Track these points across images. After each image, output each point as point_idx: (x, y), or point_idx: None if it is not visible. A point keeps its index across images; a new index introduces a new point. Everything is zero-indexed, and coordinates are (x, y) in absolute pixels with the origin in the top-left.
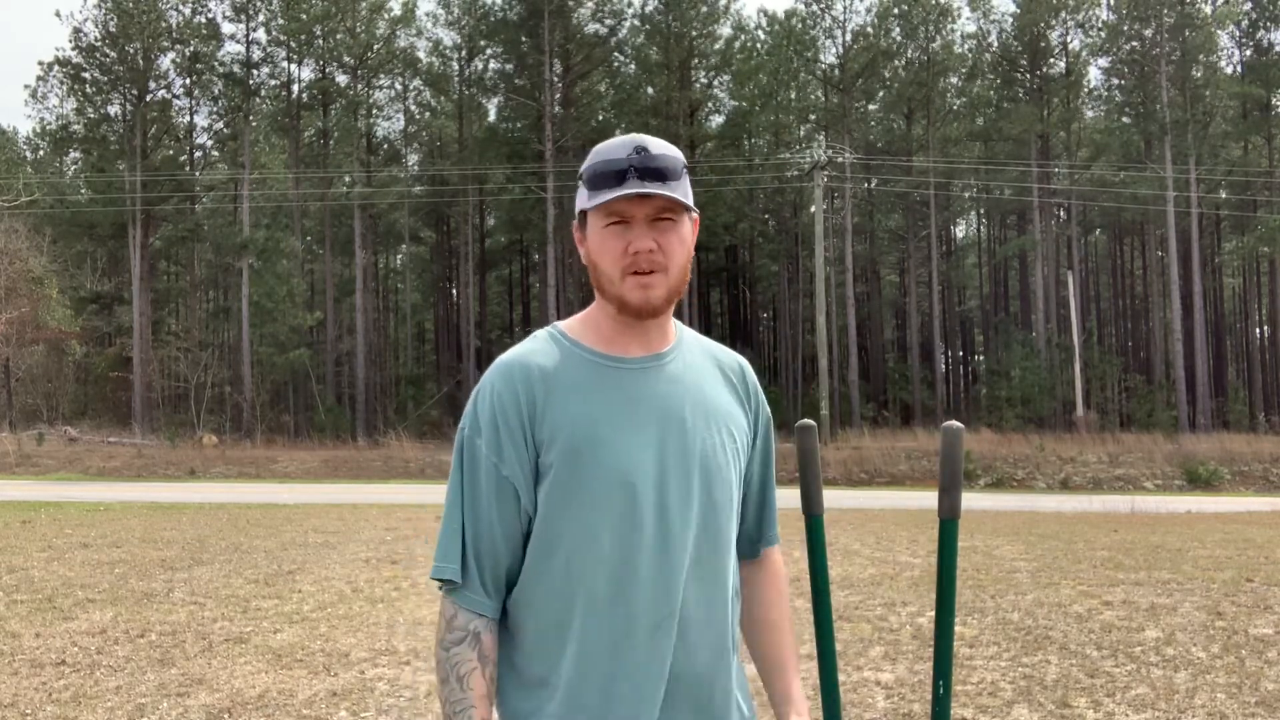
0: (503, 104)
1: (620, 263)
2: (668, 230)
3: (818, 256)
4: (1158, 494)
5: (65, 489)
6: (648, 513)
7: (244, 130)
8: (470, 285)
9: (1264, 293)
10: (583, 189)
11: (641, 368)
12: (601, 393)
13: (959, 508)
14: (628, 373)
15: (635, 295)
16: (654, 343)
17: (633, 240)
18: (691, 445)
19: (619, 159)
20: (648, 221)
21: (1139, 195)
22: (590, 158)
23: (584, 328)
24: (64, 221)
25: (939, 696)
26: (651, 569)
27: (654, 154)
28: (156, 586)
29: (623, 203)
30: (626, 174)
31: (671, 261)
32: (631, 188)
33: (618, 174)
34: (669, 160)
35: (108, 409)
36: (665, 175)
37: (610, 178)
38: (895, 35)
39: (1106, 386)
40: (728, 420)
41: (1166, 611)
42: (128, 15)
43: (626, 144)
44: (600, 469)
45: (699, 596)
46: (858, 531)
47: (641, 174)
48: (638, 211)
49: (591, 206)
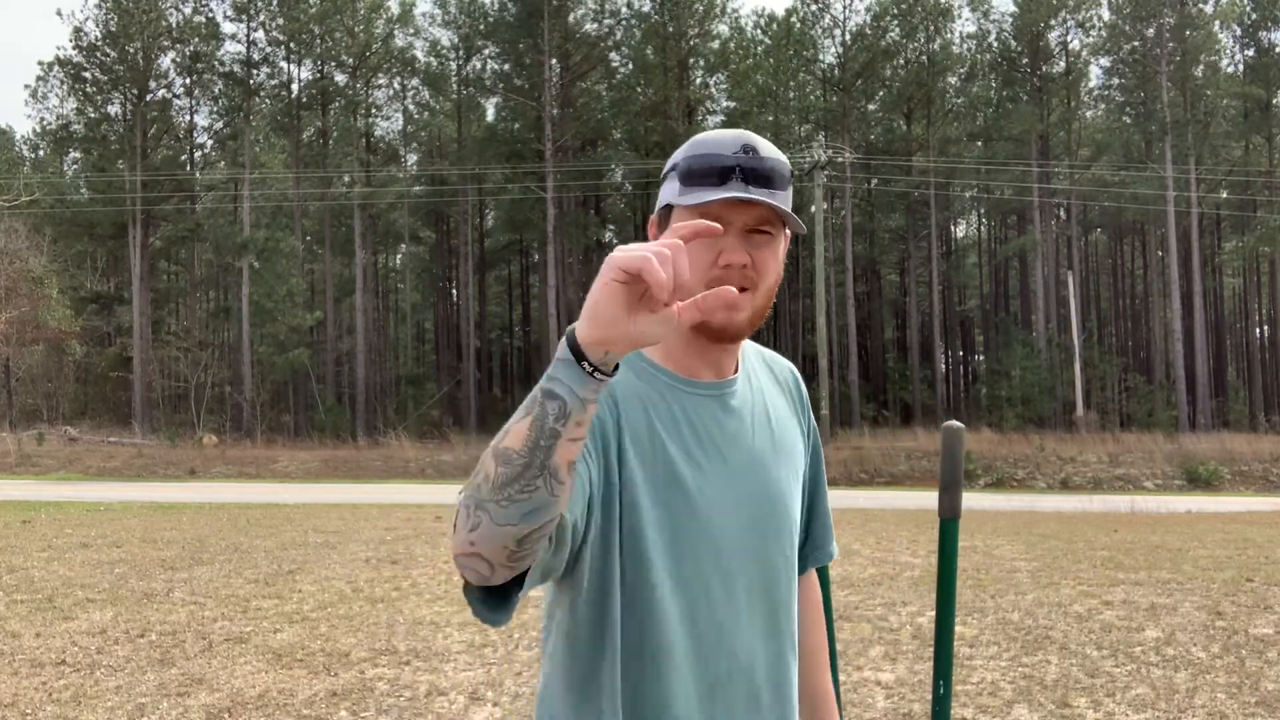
0: (501, 104)
1: (707, 275)
2: (764, 245)
3: (818, 256)
4: (1158, 494)
5: (65, 489)
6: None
7: (244, 130)
8: (470, 285)
9: (1264, 293)
10: (673, 181)
11: (715, 394)
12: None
13: (959, 508)
14: (701, 400)
15: (719, 316)
16: (725, 367)
17: (725, 251)
18: (768, 488)
19: (725, 156)
20: (743, 232)
21: (1139, 195)
22: (689, 148)
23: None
24: (64, 221)
25: (939, 696)
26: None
27: (763, 156)
28: (156, 586)
29: (721, 207)
30: (731, 174)
31: (762, 280)
32: (734, 191)
33: (721, 173)
34: (778, 166)
35: (108, 409)
36: (773, 182)
37: (711, 175)
38: (894, 35)
39: (1106, 386)
40: (793, 451)
41: (1166, 611)
42: (128, 15)
43: (734, 140)
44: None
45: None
46: (858, 531)
47: (747, 177)
48: (735, 219)
49: (685, 204)
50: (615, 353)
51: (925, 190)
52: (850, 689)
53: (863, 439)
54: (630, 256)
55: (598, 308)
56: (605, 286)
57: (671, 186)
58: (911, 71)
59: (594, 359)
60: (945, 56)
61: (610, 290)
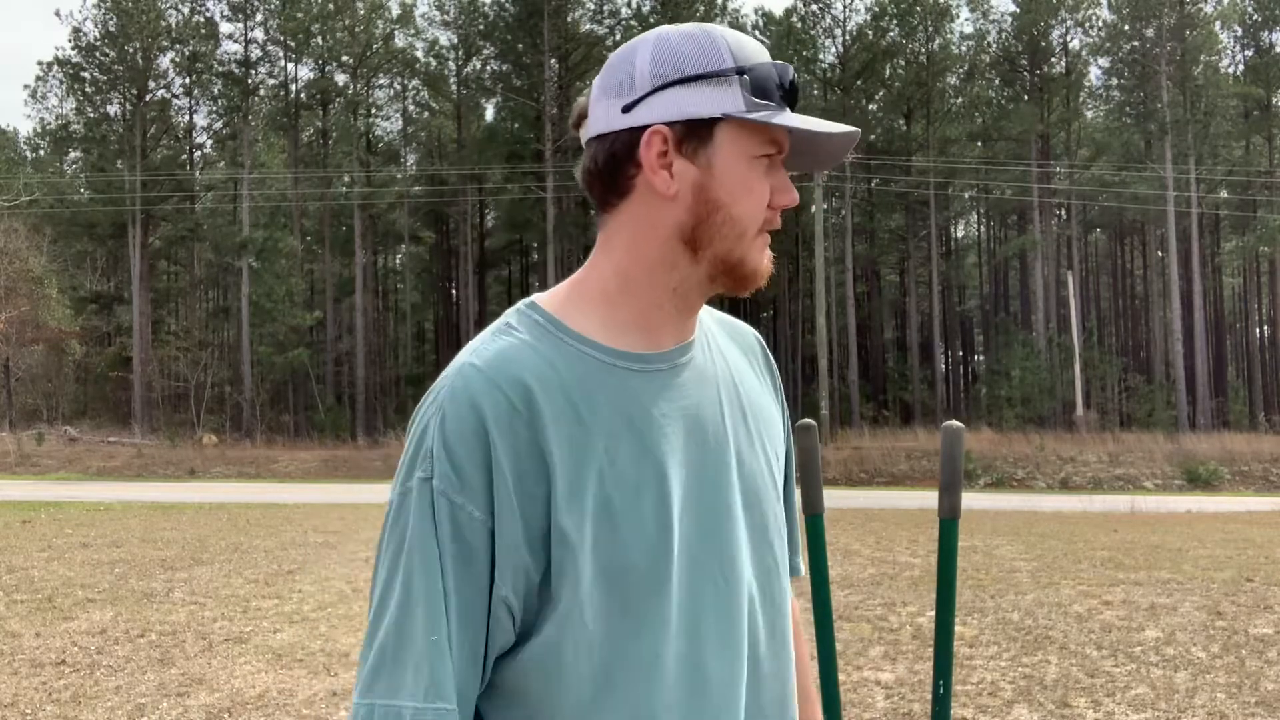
0: (501, 104)
1: (763, 214)
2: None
3: (818, 256)
4: (1158, 494)
5: (65, 489)
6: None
7: (243, 130)
8: (470, 285)
9: (1264, 293)
10: (729, 88)
11: (668, 367)
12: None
13: (959, 507)
14: (653, 378)
15: (764, 261)
16: (690, 328)
17: (778, 190)
18: (741, 471)
19: (785, 69)
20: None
21: (1139, 195)
22: (749, 52)
23: (582, 305)
24: (64, 221)
25: (939, 696)
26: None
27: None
28: (156, 586)
29: (791, 135)
30: (795, 98)
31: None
32: (806, 120)
33: (785, 91)
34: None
35: (108, 409)
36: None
37: (774, 90)
38: (894, 35)
39: (1106, 386)
40: (769, 430)
41: (1166, 611)
42: (127, 15)
43: (769, 56)
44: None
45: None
46: (858, 531)
47: (793, 102)
48: (810, 152)
49: (750, 117)
50: None
51: (925, 190)
52: (850, 689)
53: (863, 439)
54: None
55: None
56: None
57: (724, 94)
58: (911, 71)
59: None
60: (945, 56)
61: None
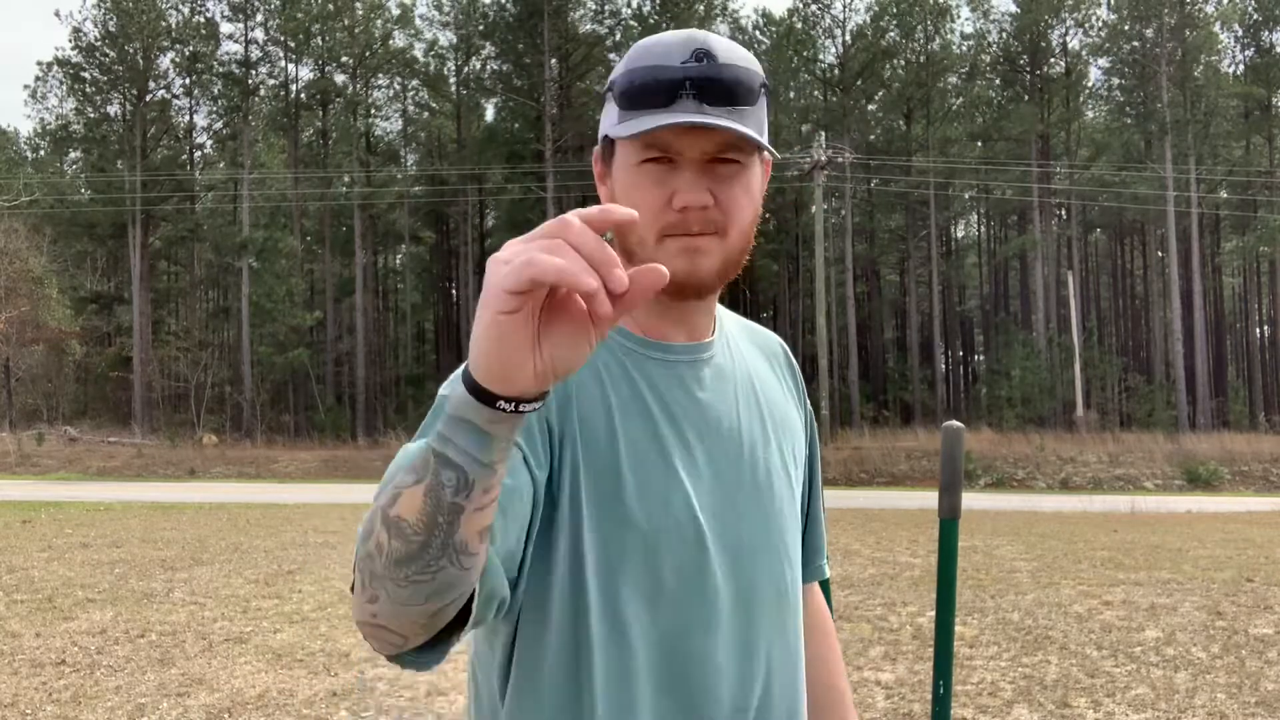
0: (500, 104)
1: (660, 219)
2: (730, 178)
3: (818, 256)
4: (1158, 494)
5: (65, 489)
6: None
7: (243, 130)
8: (470, 285)
9: (1264, 293)
10: (610, 105)
11: (688, 360)
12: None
13: (959, 508)
14: (672, 368)
15: (679, 263)
16: (700, 329)
17: (680, 189)
18: (754, 467)
19: (671, 68)
20: (703, 162)
21: (1139, 195)
22: (629, 60)
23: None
24: (64, 221)
25: (939, 696)
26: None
27: (721, 63)
28: (156, 586)
29: (670, 134)
30: (679, 91)
31: (732, 221)
32: (685, 114)
33: (667, 89)
34: (743, 74)
35: (108, 409)
36: (735, 96)
37: (655, 93)
38: (894, 35)
39: (1106, 386)
40: (787, 430)
41: (1166, 611)
42: (127, 15)
43: (683, 45)
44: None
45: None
46: (858, 531)
47: (701, 92)
48: (691, 148)
49: (623, 135)
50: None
51: (925, 190)
52: (850, 689)
53: (863, 439)
54: (524, 272)
55: (488, 356)
56: (492, 325)
57: (610, 112)
58: (911, 71)
59: (508, 396)
60: (945, 56)
61: (499, 329)
